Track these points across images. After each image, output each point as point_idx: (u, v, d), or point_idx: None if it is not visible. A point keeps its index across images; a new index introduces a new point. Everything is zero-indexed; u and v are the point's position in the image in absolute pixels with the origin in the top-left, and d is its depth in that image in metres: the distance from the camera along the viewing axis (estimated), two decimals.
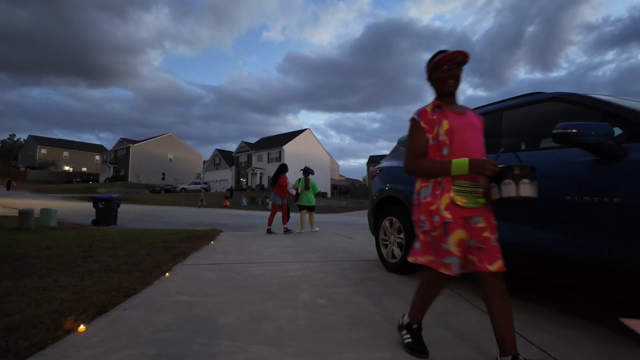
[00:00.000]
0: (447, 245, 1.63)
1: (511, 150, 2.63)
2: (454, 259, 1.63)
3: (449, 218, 1.62)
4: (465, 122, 1.72)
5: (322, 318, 2.32)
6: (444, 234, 1.64)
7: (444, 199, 1.65)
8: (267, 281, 3.28)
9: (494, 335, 1.68)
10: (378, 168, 4.28)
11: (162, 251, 4.67)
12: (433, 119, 1.72)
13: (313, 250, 5.25)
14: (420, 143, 1.75)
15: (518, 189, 1.53)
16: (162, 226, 9.74)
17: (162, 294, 2.82)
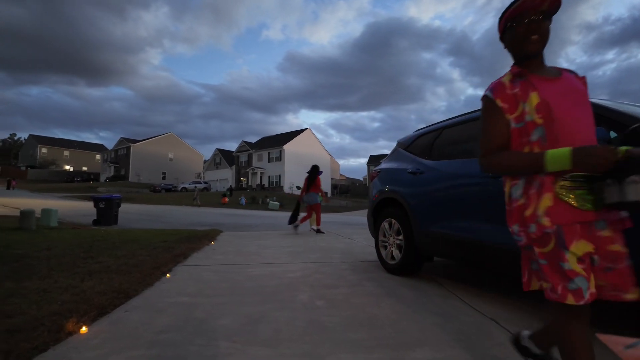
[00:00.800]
0: (567, 264, 1.14)
1: None
2: (582, 280, 1.12)
3: (548, 227, 1.17)
4: (564, 90, 1.24)
5: (320, 319, 2.34)
6: (559, 246, 1.16)
7: (543, 199, 1.19)
8: (265, 282, 3.31)
9: (489, 337, 1.69)
10: (377, 169, 4.31)
11: (163, 252, 4.70)
12: (514, 94, 1.27)
13: (312, 251, 5.28)
14: (498, 130, 1.29)
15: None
16: (163, 226, 9.77)
17: (163, 295, 2.85)
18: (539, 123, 1.22)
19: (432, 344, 1.97)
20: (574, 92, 1.25)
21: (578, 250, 1.14)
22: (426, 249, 3.29)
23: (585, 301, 1.12)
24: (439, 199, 3.14)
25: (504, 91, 1.29)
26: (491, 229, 2.57)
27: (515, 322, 2.29)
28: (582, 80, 1.35)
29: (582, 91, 1.28)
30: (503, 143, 1.30)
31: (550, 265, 1.18)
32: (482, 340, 2.03)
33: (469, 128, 3.14)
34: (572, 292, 1.13)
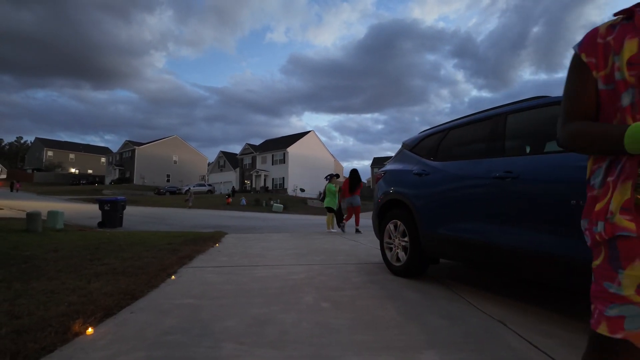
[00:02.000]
0: (615, 286, 0.86)
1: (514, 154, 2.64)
2: (631, 309, 0.83)
3: (627, 229, 0.85)
4: None
5: (325, 321, 2.33)
6: (610, 261, 0.88)
7: (621, 190, 0.88)
8: (271, 284, 3.30)
9: (497, 339, 1.67)
10: (383, 171, 4.30)
11: (168, 254, 4.72)
12: (607, 43, 0.94)
13: (317, 252, 5.27)
14: (579, 92, 0.99)
15: None
16: (167, 228, 9.81)
17: (168, 297, 2.85)
18: (632, 83, 0.87)
19: (439, 346, 1.96)
20: None
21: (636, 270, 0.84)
22: (432, 250, 3.28)
23: (624, 336, 0.83)
24: (445, 200, 3.13)
25: (594, 41, 0.97)
26: (498, 231, 2.55)
27: (524, 325, 2.27)
28: None
29: None
30: (586, 110, 0.98)
31: (595, 283, 0.92)
32: (490, 342, 2.01)
33: (475, 129, 3.13)
34: (608, 320, 0.85)
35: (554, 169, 2.25)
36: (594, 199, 0.96)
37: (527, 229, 2.36)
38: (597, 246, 0.92)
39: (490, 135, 2.90)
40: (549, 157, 2.35)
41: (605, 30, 0.96)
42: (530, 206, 2.37)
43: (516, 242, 2.41)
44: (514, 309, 2.61)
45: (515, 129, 2.77)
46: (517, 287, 3.23)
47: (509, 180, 2.50)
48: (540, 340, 2.04)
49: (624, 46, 0.89)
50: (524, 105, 2.73)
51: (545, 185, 2.29)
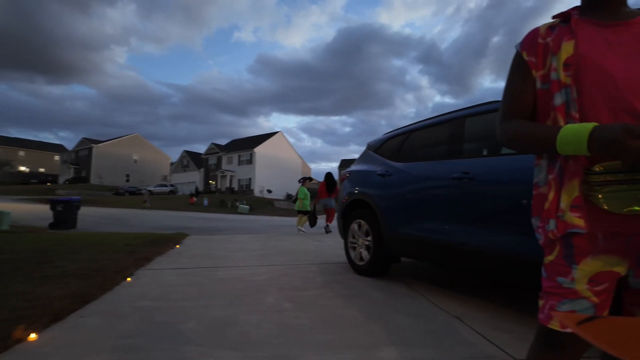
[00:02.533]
0: (569, 281, 0.88)
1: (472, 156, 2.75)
2: (582, 303, 0.87)
3: (578, 226, 0.87)
4: (625, 39, 0.90)
5: (287, 322, 2.31)
6: (565, 257, 0.90)
7: (568, 188, 0.89)
8: (233, 285, 3.24)
9: (455, 335, 1.72)
10: (348, 171, 4.34)
11: (125, 255, 4.51)
12: (546, 44, 0.96)
13: (281, 253, 5.23)
14: (518, 91, 1.01)
15: None
16: (125, 229, 9.39)
17: (124, 300, 2.72)
18: (566, 83, 0.90)
19: (399, 343, 1.99)
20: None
21: (594, 266, 0.87)
22: (394, 250, 3.34)
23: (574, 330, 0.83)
24: (407, 200, 3.20)
25: (535, 41, 0.99)
26: (456, 230, 2.64)
27: (479, 320, 2.36)
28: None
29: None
30: (523, 108, 1.00)
31: (547, 279, 0.94)
32: (448, 338, 2.07)
33: (435, 131, 3.23)
34: (559, 315, 0.87)
35: (507, 170, 2.35)
36: (540, 196, 0.98)
37: (483, 228, 2.45)
38: (550, 243, 0.94)
39: (450, 137, 3.00)
40: (503, 159, 2.45)
41: (545, 31, 0.98)
42: (485, 206, 2.47)
43: (472, 241, 2.51)
44: (471, 305, 2.71)
45: (473, 132, 2.88)
46: (474, 285, 3.36)
47: (466, 181, 2.60)
48: (494, 334, 2.13)
49: (561, 48, 0.92)
50: (482, 109, 2.85)
51: (499, 186, 2.40)
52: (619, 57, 0.87)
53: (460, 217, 2.63)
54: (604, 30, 0.91)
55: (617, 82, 0.86)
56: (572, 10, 0.98)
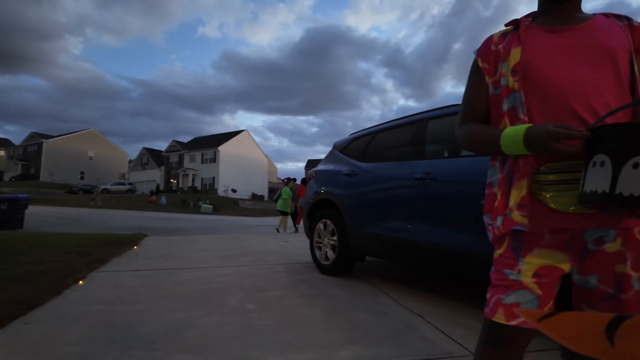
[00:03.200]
0: (515, 273, 0.92)
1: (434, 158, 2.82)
2: (525, 295, 0.90)
3: (521, 224, 0.91)
4: (572, 43, 0.92)
5: (250, 323, 2.27)
6: (513, 250, 0.94)
7: (517, 187, 0.93)
8: (193, 287, 3.13)
9: (415, 331, 1.75)
10: (314, 171, 4.33)
11: (77, 257, 4.25)
12: (498, 51, 1.00)
13: (245, 254, 5.14)
14: (473, 96, 1.06)
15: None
16: (78, 230, 8.87)
17: (74, 304, 2.56)
18: (514, 88, 0.94)
19: (361, 341, 2.01)
20: (590, 47, 0.91)
21: (539, 260, 0.91)
22: (359, 249, 3.37)
23: (518, 323, 0.88)
24: (372, 200, 3.24)
25: (489, 48, 1.03)
26: (418, 229, 2.70)
27: (439, 317, 2.42)
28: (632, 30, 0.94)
29: (611, 46, 0.90)
30: (478, 113, 1.05)
31: (495, 272, 0.97)
32: (409, 335, 2.11)
33: (399, 133, 3.29)
34: (505, 308, 0.90)
35: (466, 171, 2.44)
36: (491, 195, 1.02)
37: (444, 227, 2.53)
38: (499, 239, 0.98)
39: (413, 139, 3.07)
40: (463, 160, 2.54)
41: (498, 39, 1.02)
42: (446, 206, 2.54)
43: (434, 239, 2.58)
44: (431, 302, 2.78)
45: (435, 134, 2.96)
46: (436, 282, 3.45)
47: (428, 181, 2.67)
48: (453, 330, 2.19)
49: (510, 54, 0.96)
50: (443, 112, 2.94)
51: (458, 186, 2.49)
52: (565, 62, 0.91)
53: (423, 216, 2.70)
54: (553, 35, 0.94)
55: (561, 86, 0.89)
56: (525, 18, 1.02)
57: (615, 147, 0.73)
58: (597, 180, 0.75)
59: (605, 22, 0.95)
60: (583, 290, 0.93)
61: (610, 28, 0.93)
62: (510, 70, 0.95)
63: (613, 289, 0.88)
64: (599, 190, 0.74)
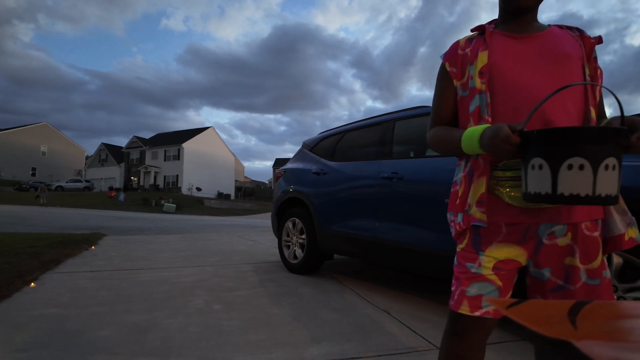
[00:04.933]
0: (476, 266, 0.97)
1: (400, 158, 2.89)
2: (487, 287, 0.95)
3: (480, 220, 0.96)
4: (532, 50, 0.98)
5: (217, 324, 2.22)
6: (473, 244, 0.99)
7: (476, 185, 0.98)
8: (156, 288, 3.02)
9: (382, 327, 1.78)
10: (283, 169, 4.30)
11: (27, 258, 3.97)
12: (465, 55, 1.05)
13: (211, 254, 5.03)
14: (442, 99, 1.10)
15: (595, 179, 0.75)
16: (29, 229, 8.31)
17: (24, 308, 2.39)
18: (481, 89, 0.99)
19: (329, 338, 2.02)
20: (548, 54, 0.97)
21: (498, 254, 0.96)
22: (328, 247, 3.39)
23: (482, 313, 0.94)
24: (340, 199, 3.26)
25: (456, 52, 1.08)
26: (385, 227, 2.75)
27: (405, 312, 2.48)
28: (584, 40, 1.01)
29: (567, 53, 0.97)
30: (446, 116, 1.10)
31: (458, 266, 1.02)
32: (375, 331, 2.14)
33: (368, 133, 3.34)
34: (469, 300, 0.95)
35: (432, 171, 2.51)
36: (455, 193, 1.07)
37: (409, 226, 2.59)
38: (461, 234, 1.03)
39: (381, 139, 3.12)
40: (428, 160, 2.61)
41: (465, 43, 1.07)
42: (412, 205, 2.61)
43: (400, 237, 2.64)
44: (398, 298, 2.84)
45: (402, 134, 3.02)
46: (402, 279, 3.53)
47: (395, 180, 2.72)
48: (418, 325, 2.25)
49: (478, 57, 1.01)
50: (410, 113, 3.01)
51: (424, 186, 2.56)
52: (526, 66, 0.97)
53: (390, 215, 2.75)
54: (516, 42, 1.00)
55: (524, 89, 0.95)
56: (489, 24, 1.08)
57: (549, 151, 0.78)
58: (539, 182, 0.79)
59: (560, 32, 1.02)
60: (538, 282, 0.98)
61: (565, 38, 1.00)
62: (478, 72, 1.00)
63: (563, 281, 0.93)
64: (542, 192, 0.79)
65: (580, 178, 0.75)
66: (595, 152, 0.74)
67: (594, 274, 0.92)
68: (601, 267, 0.93)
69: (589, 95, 0.97)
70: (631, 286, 1.60)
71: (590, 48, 1.00)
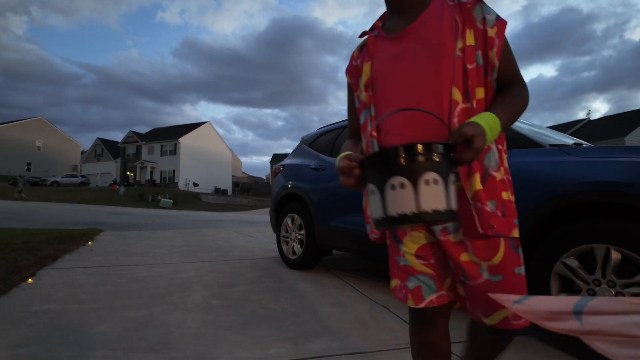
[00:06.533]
0: (403, 258, 0.96)
1: None
2: (423, 278, 0.93)
3: (375, 232, 1.04)
4: (405, 47, 0.90)
5: (215, 319, 2.21)
6: (394, 237, 0.99)
7: None
8: (153, 284, 3.01)
9: (381, 323, 1.77)
10: (281, 165, 4.29)
11: (24, 254, 3.95)
12: (357, 66, 1.02)
13: (209, 249, 5.02)
14: (349, 111, 1.10)
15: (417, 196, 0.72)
16: (25, 225, 8.27)
17: (21, 303, 2.38)
18: (367, 103, 0.96)
19: (329, 333, 2.02)
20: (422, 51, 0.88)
21: (412, 244, 0.94)
22: (326, 243, 3.39)
23: (425, 304, 0.92)
24: (339, 194, 3.26)
25: (352, 63, 1.04)
26: None
27: (404, 308, 2.48)
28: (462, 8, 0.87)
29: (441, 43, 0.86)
30: (354, 126, 1.08)
31: (390, 260, 1.02)
32: (374, 326, 2.15)
33: None
34: (411, 293, 0.94)
35: None
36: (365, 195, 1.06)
37: None
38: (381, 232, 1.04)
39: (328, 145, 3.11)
40: None
41: (357, 53, 1.03)
42: None
43: None
44: None
45: None
46: None
47: None
48: None
49: (363, 70, 0.98)
50: None
51: None
52: (402, 72, 0.90)
53: None
54: (392, 45, 0.93)
55: (404, 97, 0.89)
56: (378, 21, 1.01)
57: (373, 176, 0.78)
58: (375, 207, 0.78)
59: (436, 11, 0.90)
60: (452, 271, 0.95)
61: (441, 16, 0.88)
62: (364, 86, 0.97)
63: (462, 277, 0.90)
64: (379, 217, 0.78)
65: (404, 196, 0.73)
66: (411, 169, 0.72)
67: (495, 270, 0.86)
68: (505, 263, 0.87)
69: (471, 76, 0.85)
70: (629, 282, 1.61)
71: (468, 13, 0.87)
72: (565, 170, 1.84)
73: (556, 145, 2.09)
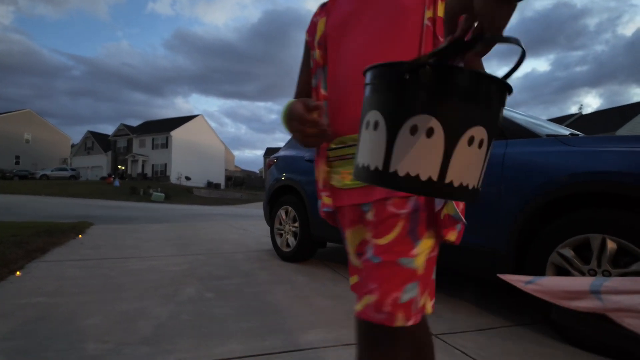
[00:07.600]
0: (351, 254, 0.89)
1: None
2: None
3: (327, 205, 0.87)
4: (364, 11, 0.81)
5: (208, 311, 2.19)
6: (341, 233, 0.92)
7: (319, 169, 0.88)
8: (145, 277, 2.97)
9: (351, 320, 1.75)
10: (275, 157, 4.25)
11: (12, 247, 3.88)
12: (315, 22, 0.93)
13: (202, 242, 4.98)
14: (300, 71, 1.00)
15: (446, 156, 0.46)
16: (13, 218, 8.14)
17: (9, 297, 2.33)
18: (320, 63, 0.87)
19: (323, 325, 2.00)
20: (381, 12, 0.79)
21: (352, 240, 0.86)
22: (320, 234, 3.37)
23: None
24: None
25: (312, 20, 0.95)
26: None
27: None
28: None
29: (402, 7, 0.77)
30: (302, 88, 0.98)
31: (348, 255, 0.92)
32: (343, 324, 2.14)
33: None
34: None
35: None
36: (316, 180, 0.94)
37: None
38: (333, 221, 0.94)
39: None
40: None
41: (318, 9, 0.94)
42: None
43: None
44: None
45: None
46: None
47: None
48: None
49: (318, 25, 0.90)
50: None
51: None
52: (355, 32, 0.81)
53: None
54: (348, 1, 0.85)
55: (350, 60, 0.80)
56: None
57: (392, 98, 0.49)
58: (370, 149, 0.51)
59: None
60: None
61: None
62: (317, 44, 0.88)
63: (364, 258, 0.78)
64: (372, 167, 0.50)
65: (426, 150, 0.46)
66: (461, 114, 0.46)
67: (378, 251, 0.71)
68: (393, 246, 0.70)
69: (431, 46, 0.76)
70: (624, 271, 1.62)
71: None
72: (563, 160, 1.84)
73: (552, 135, 2.08)
